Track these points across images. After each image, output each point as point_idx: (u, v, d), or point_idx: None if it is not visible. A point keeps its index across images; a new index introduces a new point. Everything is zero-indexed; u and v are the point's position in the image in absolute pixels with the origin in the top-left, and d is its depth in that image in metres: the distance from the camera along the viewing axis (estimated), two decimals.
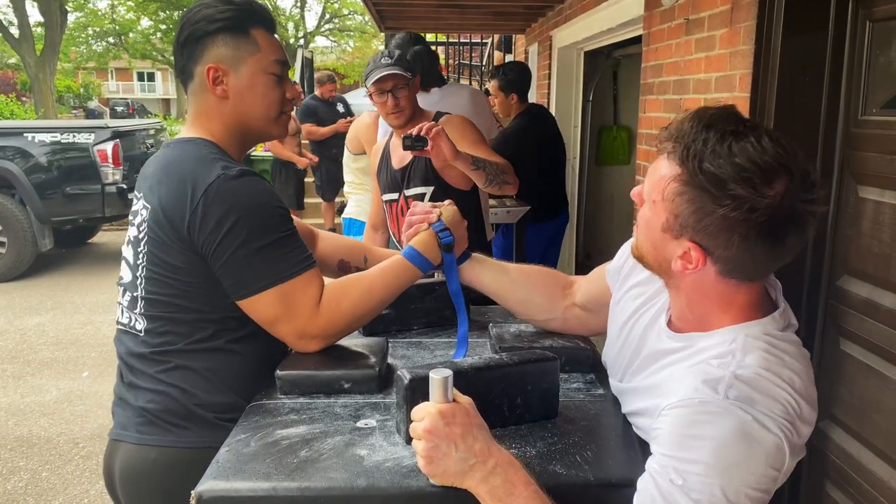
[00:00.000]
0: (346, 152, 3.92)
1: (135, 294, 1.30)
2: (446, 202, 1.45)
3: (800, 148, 0.92)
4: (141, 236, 1.28)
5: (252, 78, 1.33)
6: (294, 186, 7.25)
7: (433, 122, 2.14)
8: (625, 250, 1.29)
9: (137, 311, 1.30)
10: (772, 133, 0.91)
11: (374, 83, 2.39)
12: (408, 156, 2.42)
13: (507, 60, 6.52)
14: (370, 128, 3.63)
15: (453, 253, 1.40)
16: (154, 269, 1.26)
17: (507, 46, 7.23)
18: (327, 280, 1.33)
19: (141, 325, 1.29)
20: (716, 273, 0.97)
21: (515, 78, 3.99)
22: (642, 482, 0.91)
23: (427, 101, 2.91)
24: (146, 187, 1.30)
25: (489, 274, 1.43)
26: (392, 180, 2.51)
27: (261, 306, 1.24)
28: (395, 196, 2.51)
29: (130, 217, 1.36)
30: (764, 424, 0.87)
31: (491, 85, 4.06)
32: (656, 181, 0.97)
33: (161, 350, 1.28)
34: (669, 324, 1.09)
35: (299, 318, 1.25)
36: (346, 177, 3.95)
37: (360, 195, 3.86)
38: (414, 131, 2.10)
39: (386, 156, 2.58)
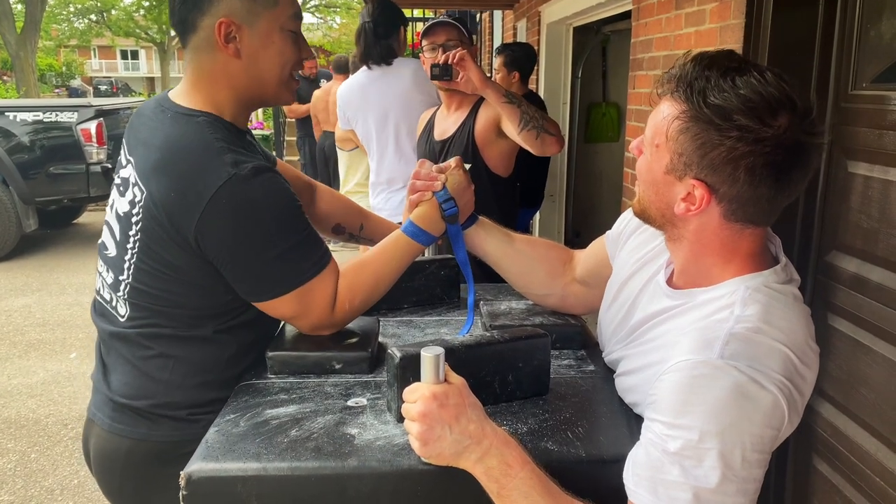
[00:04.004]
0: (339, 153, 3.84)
1: (120, 277, 1.23)
2: (452, 163, 1.35)
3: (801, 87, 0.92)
4: (135, 219, 1.19)
5: (268, 35, 1.19)
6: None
7: (459, 49, 2.10)
8: (626, 216, 1.28)
9: (121, 294, 1.23)
10: (773, 69, 0.91)
11: (425, 35, 2.34)
12: (451, 128, 2.37)
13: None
14: (319, 100, 3.54)
15: (458, 223, 1.34)
16: (148, 260, 1.18)
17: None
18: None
19: (123, 310, 1.24)
20: (720, 215, 0.96)
21: (521, 56, 3.98)
22: (635, 453, 0.91)
23: (367, 78, 2.86)
24: (140, 160, 1.19)
25: (493, 242, 1.39)
26: (430, 151, 2.44)
27: (277, 307, 1.21)
28: None
29: (117, 181, 1.26)
30: (760, 383, 0.86)
31: (496, 60, 4.05)
32: (658, 123, 0.96)
33: (145, 334, 1.22)
34: (669, 282, 1.08)
35: (315, 316, 1.22)
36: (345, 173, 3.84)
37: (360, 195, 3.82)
38: (441, 59, 2.06)
39: (430, 126, 2.52)
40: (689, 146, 0.92)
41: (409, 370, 1.00)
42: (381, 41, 2.80)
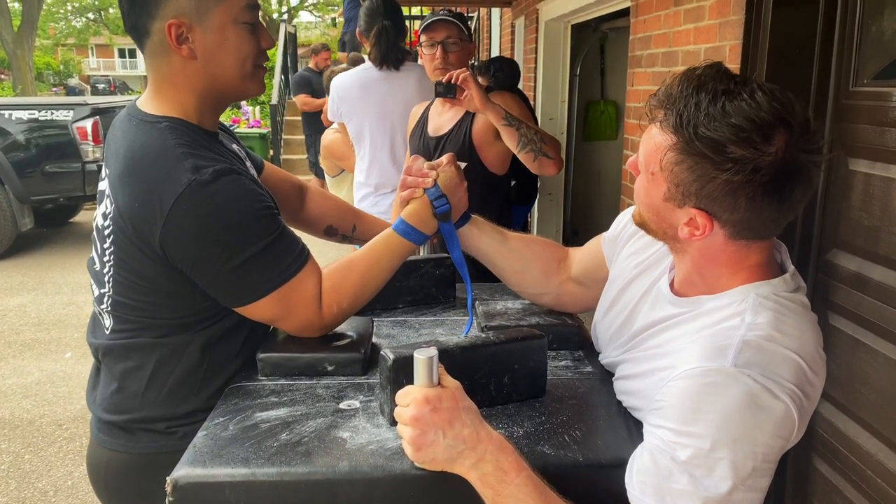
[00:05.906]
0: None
1: (102, 290, 1.21)
2: (445, 160, 1.31)
3: (795, 98, 0.89)
4: (107, 232, 1.17)
5: (222, 31, 1.15)
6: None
7: (464, 69, 2.15)
8: (622, 218, 1.26)
9: (104, 307, 1.22)
10: (764, 86, 0.88)
11: (424, 31, 2.35)
12: (446, 125, 2.37)
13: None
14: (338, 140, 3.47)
15: (451, 221, 1.30)
16: (123, 272, 1.16)
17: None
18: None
19: (108, 322, 1.23)
20: (724, 236, 0.94)
21: (505, 79, 3.99)
22: (640, 459, 0.88)
23: (371, 75, 2.84)
24: (111, 171, 1.18)
25: (487, 240, 1.36)
26: (424, 147, 2.41)
27: (257, 312, 1.17)
28: None
29: (99, 193, 1.24)
30: (773, 392, 0.84)
31: (481, 81, 4.05)
32: (651, 151, 0.94)
33: (127, 345, 1.21)
34: (672, 288, 1.06)
35: (299, 317, 1.19)
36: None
37: None
38: (445, 78, 2.11)
39: (423, 121, 2.49)
40: (686, 178, 0.90)
41: (402, 372, 0.98)
42: (397, 42, 2.78)
